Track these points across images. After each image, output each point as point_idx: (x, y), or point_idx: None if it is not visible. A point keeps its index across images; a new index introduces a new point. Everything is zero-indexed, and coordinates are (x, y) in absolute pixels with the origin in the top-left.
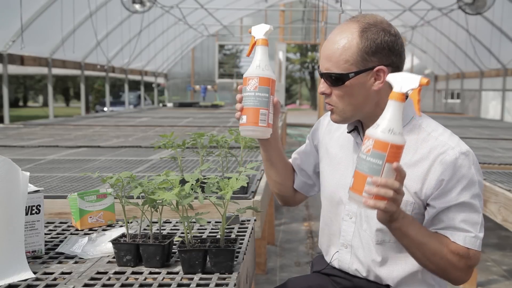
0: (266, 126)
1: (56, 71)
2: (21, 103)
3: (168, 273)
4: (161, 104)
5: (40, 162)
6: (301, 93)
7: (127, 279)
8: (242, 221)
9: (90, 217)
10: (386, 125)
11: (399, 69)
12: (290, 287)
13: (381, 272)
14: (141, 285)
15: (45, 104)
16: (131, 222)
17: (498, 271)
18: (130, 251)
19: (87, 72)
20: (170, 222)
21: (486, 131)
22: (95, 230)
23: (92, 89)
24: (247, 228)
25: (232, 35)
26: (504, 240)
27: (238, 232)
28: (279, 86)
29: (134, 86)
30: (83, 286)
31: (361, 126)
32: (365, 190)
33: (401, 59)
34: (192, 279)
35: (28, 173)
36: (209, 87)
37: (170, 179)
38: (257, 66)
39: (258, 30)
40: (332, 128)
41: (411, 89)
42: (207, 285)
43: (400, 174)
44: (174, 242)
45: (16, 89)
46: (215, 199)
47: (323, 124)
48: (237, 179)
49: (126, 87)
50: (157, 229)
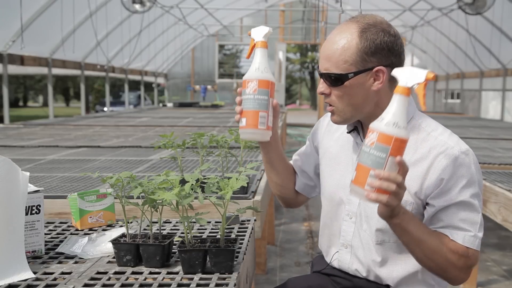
0: (266, 129)
1: (56, 71)
2: (21, 103)
3: (168, 273)
4: (161, 104)
5: (40, 162)
6: (301, 93)
7: (127, 279)
8: (242, 221)
9: (90, 217)
10: (391, 119)
11: None
12: (290, 287)
13: (381, 272)
14: (141, 285)
15: (45, 104)
16: (131, 222)
17: (498, 271)
18: (130, 251)
19: (87, 72)
20: (170, 222)
21: (486, 131)
22: (95, 230)
23: (92, 89)
24: (247, 228)
25: (232, 35)
26: (504, 240)
27: (238, 232)
28: (279, 86)
29: (134, 86)
30: (83, 286)
31: (361, 127)
32: (368, 183)
33: (401, 60)
34: (192, 279)
35: (28, 173)
36: (209, 87)
37: (170, 179)
38: (256, 69)
39: (258, 33)
40: (332, 129)
41: (417, 84)
42: (207, 285)
43: (403, 168)
44: (174, 242)
45: (16, 89)
46: (215, 199)
47: (323, 125)
48: (237, 179)
49: (126, 87)
50: (157, 229)
